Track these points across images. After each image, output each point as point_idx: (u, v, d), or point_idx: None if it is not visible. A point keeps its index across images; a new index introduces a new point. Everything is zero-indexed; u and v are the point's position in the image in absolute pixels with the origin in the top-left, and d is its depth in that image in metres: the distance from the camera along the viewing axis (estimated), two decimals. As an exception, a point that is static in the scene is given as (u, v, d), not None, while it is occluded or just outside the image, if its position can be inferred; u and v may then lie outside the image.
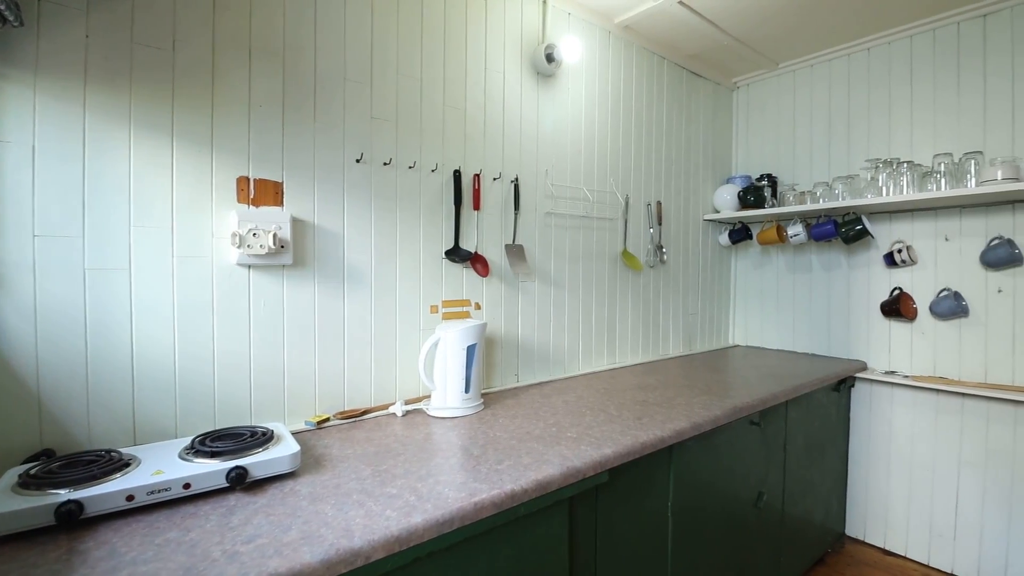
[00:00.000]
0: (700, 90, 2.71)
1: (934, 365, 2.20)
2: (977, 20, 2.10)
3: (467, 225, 1.71)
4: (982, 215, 2.09)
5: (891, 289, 2.31)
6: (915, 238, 2.25)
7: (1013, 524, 2.00)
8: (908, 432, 2.26)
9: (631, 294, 2.32)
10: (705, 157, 2.74)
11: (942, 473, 2.17)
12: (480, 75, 1.77)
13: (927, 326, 2.22)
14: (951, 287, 2.15)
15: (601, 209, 2.18)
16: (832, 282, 2.51)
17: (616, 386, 1.84)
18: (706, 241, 2.75)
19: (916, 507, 2.23)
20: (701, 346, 2.70)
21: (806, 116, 2.63)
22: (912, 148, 2.26)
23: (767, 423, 1.82)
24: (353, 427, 1.35)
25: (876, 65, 2.38)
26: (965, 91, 2.13)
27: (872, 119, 2.39)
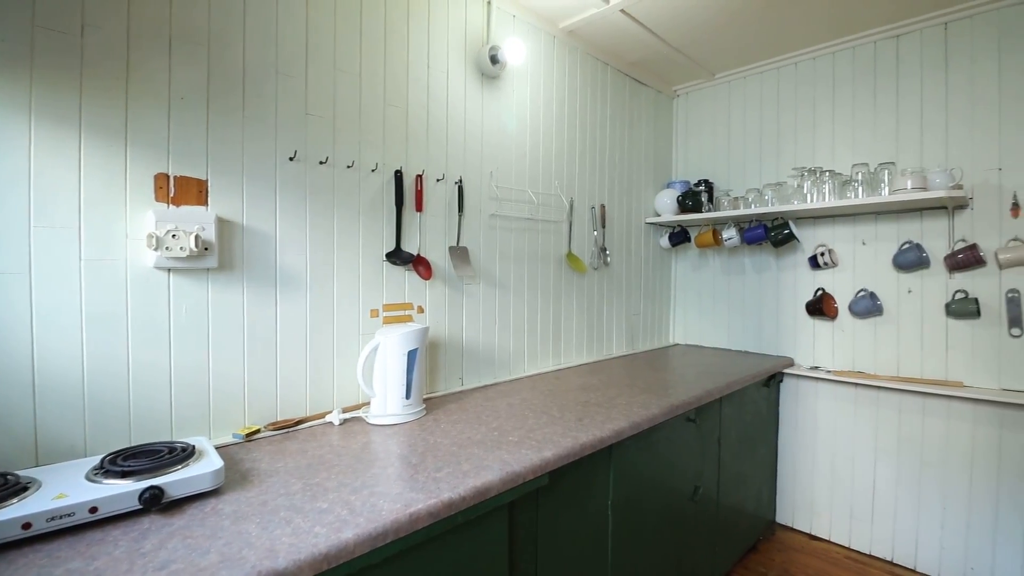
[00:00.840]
0: (642, 97, 2.79)
1: (853, 360, 2.37)
2: (891, 40, 2.28)
3: (409, 227, 1.68)
4: (894, 221, 2.26)
5: (815, 290, 2.46)
6: (836, 242, 2.41)
7: (922, 506, 2.18)
8: (831, 423, 2.42)
9: (576, 295, 2.35)
10: (647, 162, 2.83)
11: (860, 461, 2.33)
12: (423, 73, 1.74)
13: (847, 324, 2.38)
14: (867, 288, 2.32)
15: (546, 212, 2.20)
16: (763, 283, 2.65)
17: (560, 387, 1.86)
18: (648, 243, 2.83)
19: (838, 494, 2.40)
20: (643, 345, 2.78)
21: (740, 125, 2.76)
22: (834, 158, 2.42)
23: (703, 419, 1.89)
24: (286, 438, 1.29)
25: (803, 79, 2.53)
26: (880, 106, 2.30)
27: (799, 130, 2.54)
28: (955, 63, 2.12)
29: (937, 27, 2.16)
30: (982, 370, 2.06)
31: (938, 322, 2.15)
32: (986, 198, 2.04)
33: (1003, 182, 2.01)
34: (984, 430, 2.04)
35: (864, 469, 2.32)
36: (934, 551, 2.14)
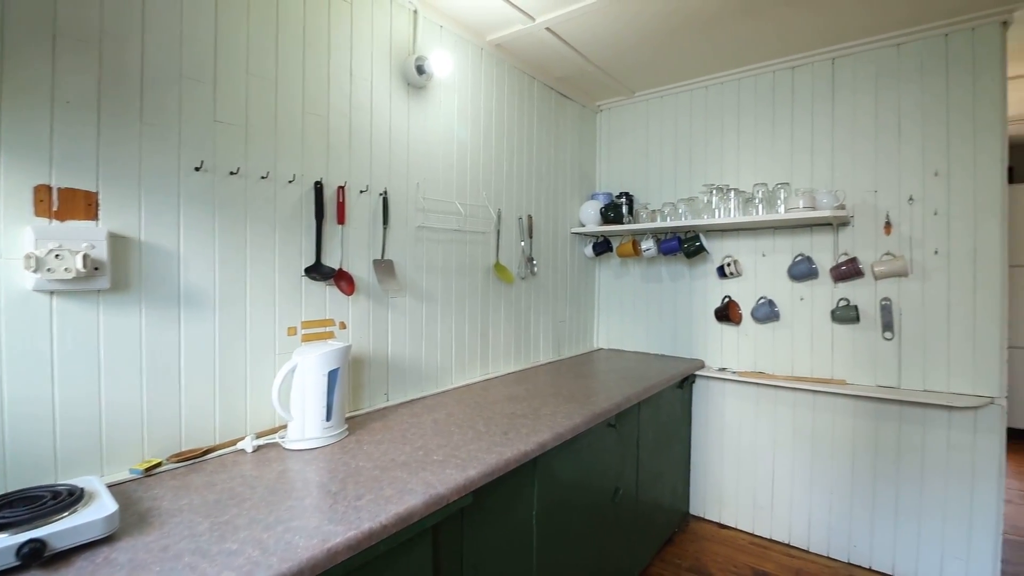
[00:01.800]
0: (568, 110, 2.87)
1: (755, 362, 2.59)
2: (787, 71, 2.51)
3: (330, 240, 1.62)
4: (789, 236, 2.50)
5: (723, 297, 2.66)
6: (741, 254, 2.62)
7: (813, 492, 2.42)
8: (736, 420, 2.63)
9: (504, 305, 2.38)
10: (572, 173, 2.92)
11: (761, 454, 2.56)
12: (345, 82, 1.69)
13: (750, 329, 2.60)
14: (767, 296, 2.54)
15: (474, 223, 2.21)
16: (678, 291, 2.82)
17: (487, 399, 1.88)
18: (573, 253, 2.93)
19: (743, 485, 2.61)
20: (569, 351, 2.87)
21: (657, 142, 2.92)
22: (739, 176, 2.63)
23: (622, 424, 1.99)
24: (192, 471, 1.21)
25: (712, 103, 2.73)
26: (777, 131, 2.53)
27: (709, 149, 2.73)
28: (840, 96, 2.37)
29: (826, 62, 2.40)
30: (861, 369, 2.33)
31: (825, 327, 2.41)
32: (864, 217, 2.31)
33: (878, 203, 2.28)
34: (863, 422, 2.30)
35: (764, 461, 2.55)
36: (823, 532, 2.39)
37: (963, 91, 2.09)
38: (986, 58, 2.05)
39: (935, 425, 2.15)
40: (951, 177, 2.12)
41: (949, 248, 2.13)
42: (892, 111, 2.24)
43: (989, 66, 2.04)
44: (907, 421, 2.21)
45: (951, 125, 2.12)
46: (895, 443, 2.23)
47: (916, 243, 2.20)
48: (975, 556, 2.07)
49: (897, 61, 2.23)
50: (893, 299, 2.25)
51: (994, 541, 2.04)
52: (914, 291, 2.20)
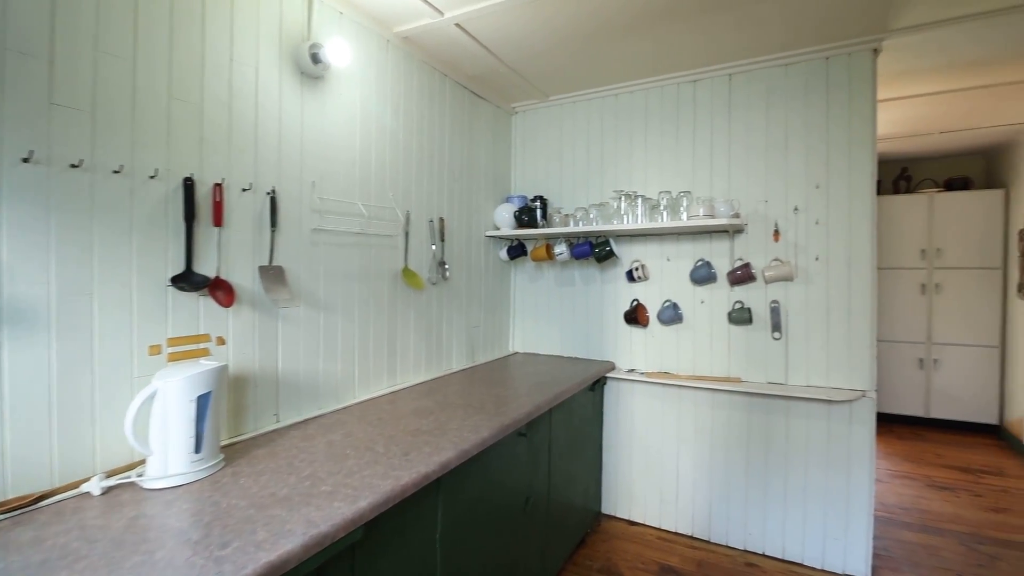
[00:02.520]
0: (482, 111, 2.81)
1: (661, 362, 2.68)
2: (690, 85, 2.61)
3: (205, 245, 1.44)
4: (691, 242, 2.61)
5: (631, 300, 2.73)
6: (647, 258, 2.70)
7: (713, 485, 2.55)
8: (644, 419, 2.71)
9: (413, 312, 2.27)
10: (487, 175, 2.86)
11: (667, 450, 2.66)
12: (224, 66, 1.50)
13: (656, 331, 2.69)
14: (671, 299, 2.64)
15: (379, 225, 2.08)
16: (590, 295, 2.86)
17: (392, 413, 1.77)
18: (488, 257, 2.87)
19: (650, 481, 2.70)
20: (484, 357, 2.81)
21: (571, 146, 2.94)
22: (646, 183, 2.71)
23: (533, 431, 1.96)
24: (17, 523, 1.00)
25: (622, 110, 2.79)
26: (681, 141, 2.63)
27: (619, 156, 2.79)
28: (736, 111, 2.51)
29: (723, 78, 2.53)
30: (754, 367, 2.48)
31: (723, 328, 2.54)
32: (756, 225, 2.46)
33: (768, 212, 2.44)
34: (756, 417, 2.46)
35: (669, 457, 2.65)
36: (723, 523, 2.53)
37: (840, 111, 2.29)
38: (860, 82, 2.25)
39: (817, 418, 2.34)
40: (830, 189, 2.31)
41: (828, 254, 2.33)
42: (780, 127, 2.41)
43: (862, 89, 2.25)
44: (793, 415, 2.38)
45: (830, 142, 2.31)
46: (784, 436, 2.40)
47: (801, 249, 2.37)
48: (851, 535, 2.28)
49: (785, 80, 2.40)
50: (781, 301, 2.41)
51: (867, 520, 2.26)
52: (799, 294, 2.38)
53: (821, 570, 2.33)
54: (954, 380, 4.29)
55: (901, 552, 2.50)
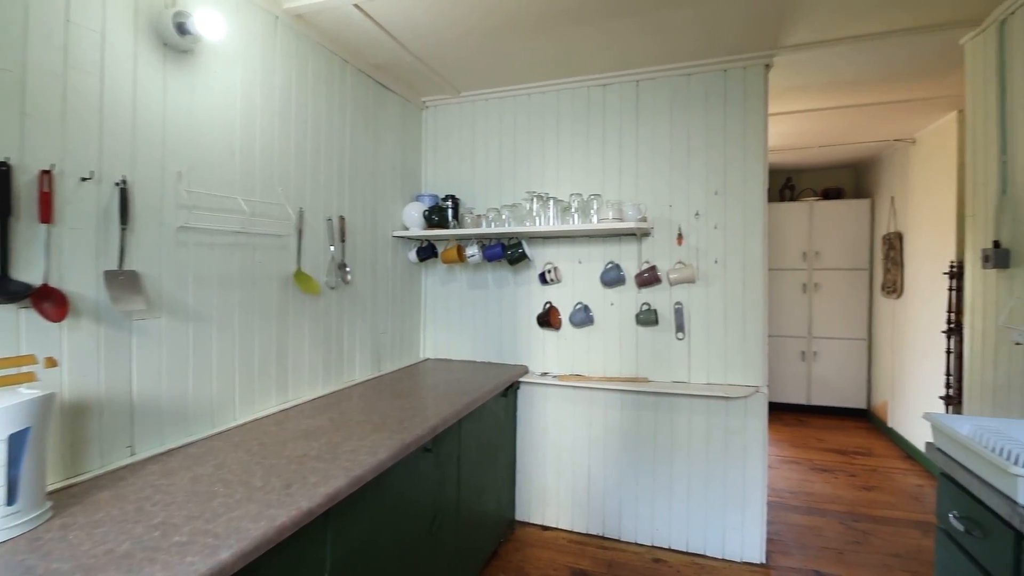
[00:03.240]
0: (389, 104, 2.64)
1: (573, 365, 2.68)
2: (600, 89, 2.63)
3: (26, 246, 1.17)
4: (602, 244, 2.63)
5: (544, 303, 2.71)
6: (560, 261, 2.69)
7: (622, 484, 2.59)
8: (557, 422, 2.69)
9: (308, 320, 2.07)
10: (395, 172, 2.70)
11: (579, 452, 2.66)
12: (57, 29, 1.24)
13: (568, 333, 2.68)
14: (583, 301, 2.65)
15: (266, 224, 1.86)
16: (503, 298, 2.80)
17: (278, 437, 1.58)
18: (397, 258, 2.71)
19: (563, 484, 2.69)
20: (392, 365, 2.65)
21: (483, 145, 2.85)
22: (558, 185, 2.69)
23: (441, 445, 1.85)
24: None
25: (535, 110, 2.75)
26: (591, 144, 2.63)
27: (531, 156, 2.75)
28: (643, 117, 2.55)
29: (632, 84, 2.57)
30: (660, 367, 2.54)
31: (631, 330, 2.58)
32: (662, 229, 2.52)
33: (672, 216, 2.51)
34: (663, 416, 2.52)
35: (582, 459, 2.66)
36: (631, 521, 2.58)
37: (736, 121, 2.40)
38: (753, 95, 2.37)
39: (717, 414, 2.44)
40: (727, 196, 2.42)
41: (726, 257, 2.44)
42: (683, 134, 2.48)
43: (755, 102, 2.37)
44: (696, 412, 2.47)
45: (727, 150, 2.42)
46: (687, 433, 2.48)
47: (702, 253, 2.47)
48: (748, 524, 2.41)
49: (688, 90, 2.48)
50: (684, 303, 2.50)
51: (761, 509, 2.39)
52: (700, 295, 2.48)
53: (722, 559, 2.44)
54: (830, 370, 4.76)
55: (790, 535, 2.69)
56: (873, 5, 1.94)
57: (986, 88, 2.02)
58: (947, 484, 1.35)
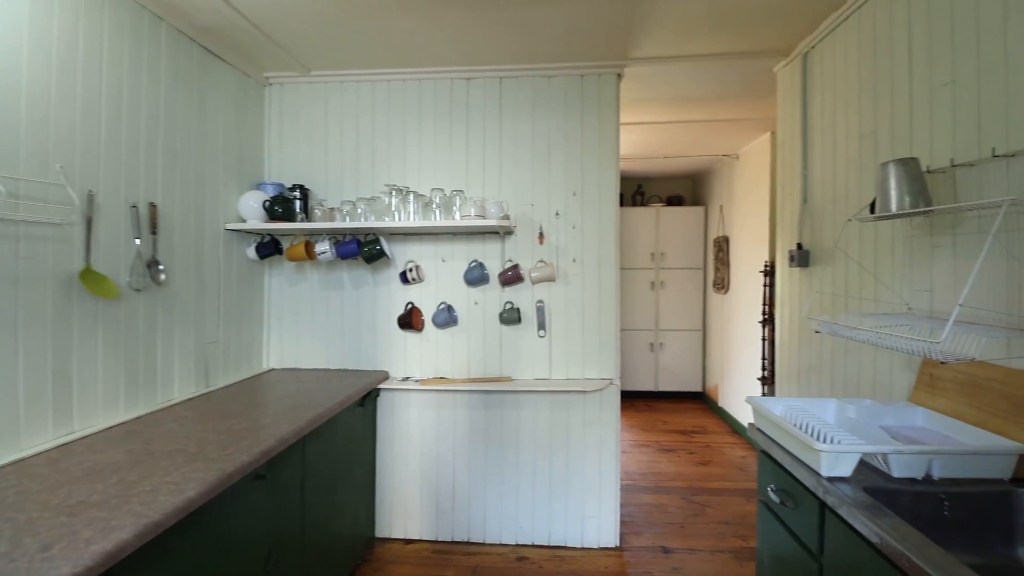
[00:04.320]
0: (221, 75, 2.27)
1: (436, 368, 2.58)
2: (464, 82, 2.54)
3: None
4: (465, 242, 2.56)
5: (406, 304, 2.56)
6: (422, 259, 2.56)
7: (487, 485, 2.55)
8: (420, 429, 2.57)
9: (103, 329, 1.68)
10: (229, 155, 2.34)
11: (443, 458, 2.56)
12: None
13: (431, 335, 2.57)
14: (446, 301, 2.55)
15: (35, 209, 1.45)
16: (361, 299, 2.59)
17: (49, 480, 1.23)
18: (231, 255, 2.35)
19: (427, 493, 2.57)
20: (225, 379, 2.29)
21: (338, 132, 2.61)
22: (420, 179, 2.56)
23: (279, 470, 1.62)
24: None
25: (395, 99, 2.58)
26: (455, 138, 2.55)
27: (392, 148, 2.58)
28: (506, 114, 2.53)
29: (495, 80, 2.53)
30: (523, 365, 2.55)
31: (495, 329, 2.55)
32: (524, 228, 2.53)
33: (534, 216, 2.52)
34: (526, 413, 2.53)
35: (446, 465, 2.56)
36: (496, 522, 2.55)
37: (592, 126, 2.49)
38: (607, 102, 2.48)
39: (575, 408, 2.52)
40: (584, 197, 2.51)
41: (583, 256, 2.52)
42: (544, 135, 2.51)
43: (609, 109, 2.48)
44: (556, 407, 2.53)
45: (584, 154, 2.50)
46: (548, 428, 2.53)
47: (561, 252, 2.52)
48: (604, 511, 2.52)
49: (548, 91, 2.51)
50: (545, 301, 2.53)
51: (615, 495, 2.52)
52: (560, 294, 2.53)
53: (581, 548, 2.52)
54: (674, 359, 5.29)
55: (640, 515, 2.89)
56: (706, 27, 2.13)
57: (792, 111, 2.35)
58: (765, 461, 1.50)
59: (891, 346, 1.27)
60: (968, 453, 1.15)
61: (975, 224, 1.35)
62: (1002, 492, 1.11)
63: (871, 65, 1.80)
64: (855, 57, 1.89)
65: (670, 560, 2.44)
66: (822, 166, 2.13)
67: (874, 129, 1.77)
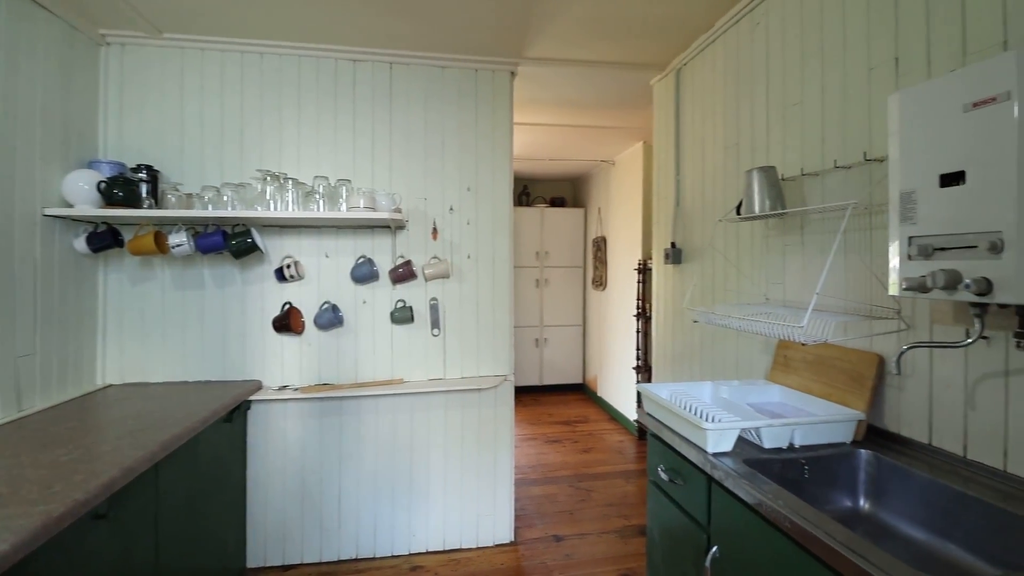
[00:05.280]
0: (40, 26, 1.83)
1: (319, 373, 2.36)
2: (350, 64, 2.36)
3: None
4: (352, 236, 2.38)
5: (283, 304, 2.31)
6: (302, 254, 2.33)
7: (378, 497, 2.40)
8: (300, 442, 2.33)
9: None
10: (49, 124, 1.89)
11: (328, 472, 2.36)
12: None
13: (313, 338, 2.35)
14: (331, 300, 2.35)
15: None
16: (227, 299, 2.28)
17: None
18: (51, 247, 1.91)
19: (310, 512, 2.34)
20: (45, 400, 1.85)
21: (198, 106, 2.26)
22: (299, 166, 2.32)
23: (123, 506, 1.35)
24: None
25: (270, 74, 2.31)
26: (340, 124, 2.35)
27: (265, 129, 2.30)
28: (398, 102, 2.40)
29: (384, 64, 2.39)
30: (417, 366, 2.45)
31: (385, 329, 2.42)
32: (417, 222, 2.43)
33: (428, 210, 2.44)
34: (420, 415, 2.43)
35: (331, 479, 2.36)
36: (387, 533, 2.41)
37: (487, 122, 2.47)
38: (501, 99, 2.48)
39: (471, 407, 2.48)
40: (478, 193, 2.48)
41: (478, 253, 2.49)
42: (438, 127, 2.44)
43: (503, 106, 2.48)
44: (451, 407, 2.46)
45: (479, 149, 2.47)
46: (443, 430, 2.46)
47: (456, 248, 2.47)
48: (499, 508, 2.51)
49: (442, 83, 2.43)
50: (439, 299, 2.46)
51: (510, 490, 2.53)
52: (454, 291, 2.47)
53: (477, 548, 2.49)
54: (557, 353, 5.52)
55: (532, 507, 2.94)
56: (595, 35, 2.23)
57: (667, 122, 2.56)
58: (655, 443, 1.60)
59: (761, 331, 1.42)
60: (821, 422, 1.33)
61: (819, 225, 1.58)
62: (846, 453, 1.30)
63: (735, 84, 2.02)
64: (721, 76, 2.11)
65: (562, 548, 2.52)
66: (692, 173, 2.35)
67: (737, 141, 2.00)
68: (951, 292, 0.97)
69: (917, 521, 1.14)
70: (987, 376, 1.10)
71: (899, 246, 1.10)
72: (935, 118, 1.00)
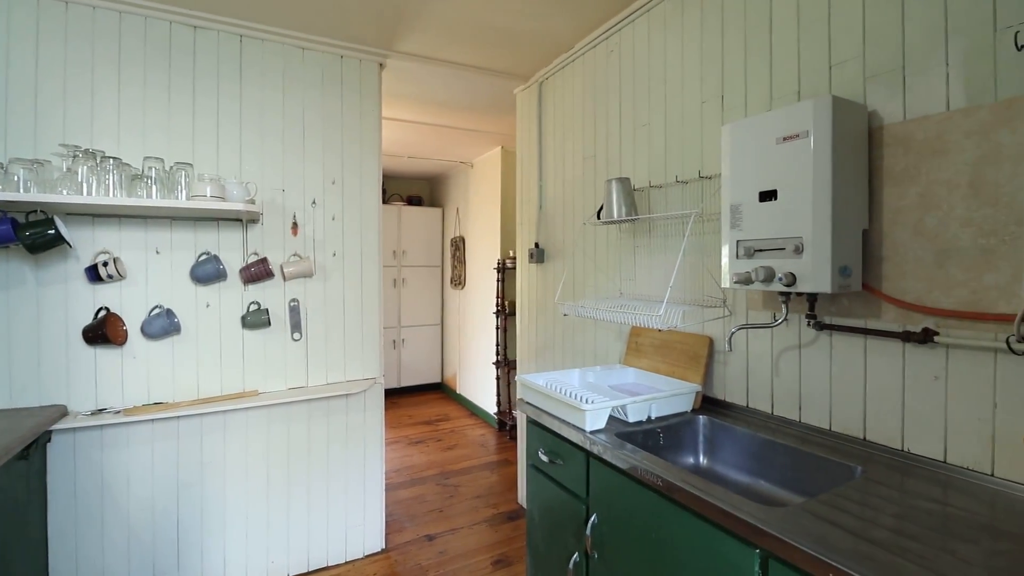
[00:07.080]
0: None
1: (149, 391, 2.01)
2: (188, 29, 2.04)
3: None
4: (192, 229, 2.07)
5: (96, 310, 1.91)
6: (124, 249, 1.96)
7: (228, 524, 2.12)
8: (124, 475, 1.96)
9: None
10: None
11: (162, 504, 2.02)
12: None
13: (139, 349, 1.99)
14: (164, 304, 2.02)
15: None
16: (14, 304, 1.80)
17: None
18: None
19: (139, 555, 1.98)
20: None
21: (-42, 54, 1.75)
22: (120, 144, 1.94)
23: None
24: None
25: (79, 27, 1.88)
26: (176, 99, 2.03)
27: (70, 95, 1.88)
28: (249, 81, 2.15)
29: (233, 36, 2.12)
30: (274, 375, 2.23)
31: (236, 335, 2.16)
32: (274, 215, 2.21)
33: (286, 203, 2.23)
34: (278, 428, 2.22)
35: (166, 515, 2.02)
36: (241, 561, 2.15)
37: (354, 114, 2.35)
38: (369, 90, 2.38)
39: (337, 413, 2.35)
40: (344, 187, 2.35)
41: (344, 251, 2.36)
42: (298, 113, 2.25)
43: (371, 97, 2.39)
44: (316, 416, 2.30)
45: (344, 140, 2.34)
46: (306, 441, 2.28)
47: (319, 245, 2.31)
48: (369, 517, 2.42)
49: (302, 66, 2.25)
50: (301, 300, 2.28)
51: (380, 497, 2.45)
52: (318, 291, 2.31)
53: (346, 562, 2.36)
54: (415, 354, 5.45)
55: (401, 511, 2.89)
56: (465, 37, 2.28)
57: (530, 130, 2.73)
58: (534, 428, 1.71)
59: (626, 320, 1.62)
60: (670, 396, 1.57)
61: (661, 231, 1.85)
62: (688, 420, 1.56)
63: (592, 101, 2.25)
64: (580, 92, 2.34)
65: (435, 546, 2.52)
66: (554, 179, 2.55)
67: (595, 152, 2.23)
68: (768, 284, 1.24)
69: (742, 468, 1.43)
70: (787, 349, 1.43)
71: (729, 248, 1.36)
72: (756, 147, 1.27)
